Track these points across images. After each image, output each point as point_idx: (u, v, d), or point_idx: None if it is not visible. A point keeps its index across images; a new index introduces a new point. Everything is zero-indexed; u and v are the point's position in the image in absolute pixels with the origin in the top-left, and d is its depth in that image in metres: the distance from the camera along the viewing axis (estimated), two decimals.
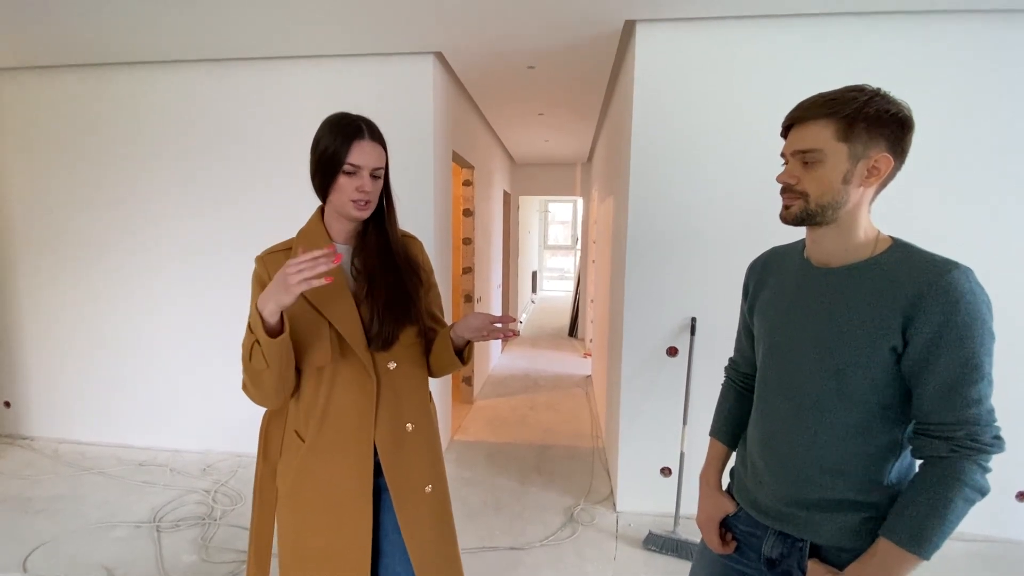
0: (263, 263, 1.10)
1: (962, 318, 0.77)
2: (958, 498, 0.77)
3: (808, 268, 0.93)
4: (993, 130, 2.14)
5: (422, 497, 1.15)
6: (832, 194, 0.84)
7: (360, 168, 1.04)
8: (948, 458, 0.78)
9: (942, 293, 0.77)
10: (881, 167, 0.83)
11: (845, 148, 0.82)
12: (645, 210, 2.36)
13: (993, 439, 0.79)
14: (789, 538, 0.92)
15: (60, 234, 3.10)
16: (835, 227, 0.87)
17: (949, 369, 0.78)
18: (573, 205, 10.43)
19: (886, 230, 0.90)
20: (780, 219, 0.91)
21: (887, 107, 0.82)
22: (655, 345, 2.43)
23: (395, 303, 1.10)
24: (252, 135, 2.87)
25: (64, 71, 2.95)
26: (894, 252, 0.85)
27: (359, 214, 1.07)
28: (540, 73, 3.03)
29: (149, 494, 2.62)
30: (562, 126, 4.43)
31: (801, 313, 0.91)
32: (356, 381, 1.09)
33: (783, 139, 0.91)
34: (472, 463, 3.04)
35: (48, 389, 3.22)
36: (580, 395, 4.37)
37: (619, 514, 2.51)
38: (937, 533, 0.78)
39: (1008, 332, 2.20)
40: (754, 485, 0.98)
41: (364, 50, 2.67)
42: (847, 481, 0.86)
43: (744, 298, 1.08)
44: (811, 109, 0.85)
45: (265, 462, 1.17)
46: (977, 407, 0.78)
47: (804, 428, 0.89)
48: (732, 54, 2.23)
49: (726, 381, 1.16)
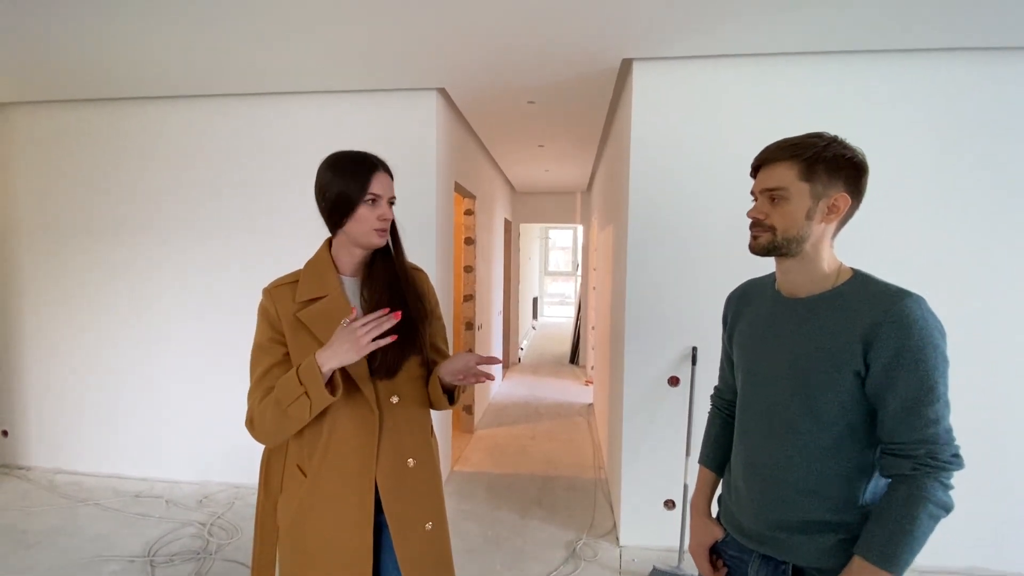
0: (270, 296, 1.11)
1: (915, 343, 0.83)
2: (923, 515, 0.82)
3: (779, 299, 1.00)
4: (978, 165, 2.19)
5: (422, 534, 1.14)
6: (797, 228, 0.92)
7: (380, 197, 1.09)
8: (911, 476, 0.84)
9: (896, 320, 0.84)
10: (840, 205, 0.92)
11: (807, 187, 0.91)
12: (644, 240, 2.39)
13: (952, 457, 0.84)
14: (772, 561, 0.96)
15: (64, 265, 3.13)
16: (800, 259, 0.94)
17: (907, 391, 0.84)
18: (573, 231, 10.52)
19: (871, 258, 0.93)
20: (749, 249, 0.98)
21: (843, 152, 0.91)
22: (656, 375, 2.43)
23: (400, 332, 1.10)
24: (258, 169, 2.93)
25: (76, 105, 3.04)
26: (854, 283, 0.92)
27: (380, 241, 1.10)
28: (540, 108, 3.12)
29: (144, 527, 2.57)
30: (562, 157, 4.52)
31: (774, 341, 0.97)
32: (359, 416, 1.09)
33: (752, 179, 0.99)
34: (472, 495, 2.99)
35: (46, 419, 3.21)
36: (582, 424, 4.33)
37: (622, 548, 2.46)
38: (906, 550, 0.82)
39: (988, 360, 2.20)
40: (738, 509, 1.02)
41: (370, 86, 2.76)
42: (823, 502, 0.91)
43: (724, 328, 1.15)
44: (777, 152, 0.94)
45: (267, 497, 1.16)
46: (935, 427, 0.83)
47: (781, 451, 0.95)
48: (725, 91, 2.30)
49: (712, 409, 1.21)
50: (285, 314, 1.09)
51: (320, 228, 1.17)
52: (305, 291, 1.10)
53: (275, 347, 1.09)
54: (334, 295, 1.10)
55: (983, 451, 2.24)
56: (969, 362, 2.22)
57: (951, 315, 2.19)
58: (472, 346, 4.02)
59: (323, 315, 1.08)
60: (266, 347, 1.10)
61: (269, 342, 1.10)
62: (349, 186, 1.07)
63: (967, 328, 2.21)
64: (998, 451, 2.23)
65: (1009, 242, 2.19)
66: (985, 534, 2.26)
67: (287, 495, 1.13)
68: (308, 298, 1.09)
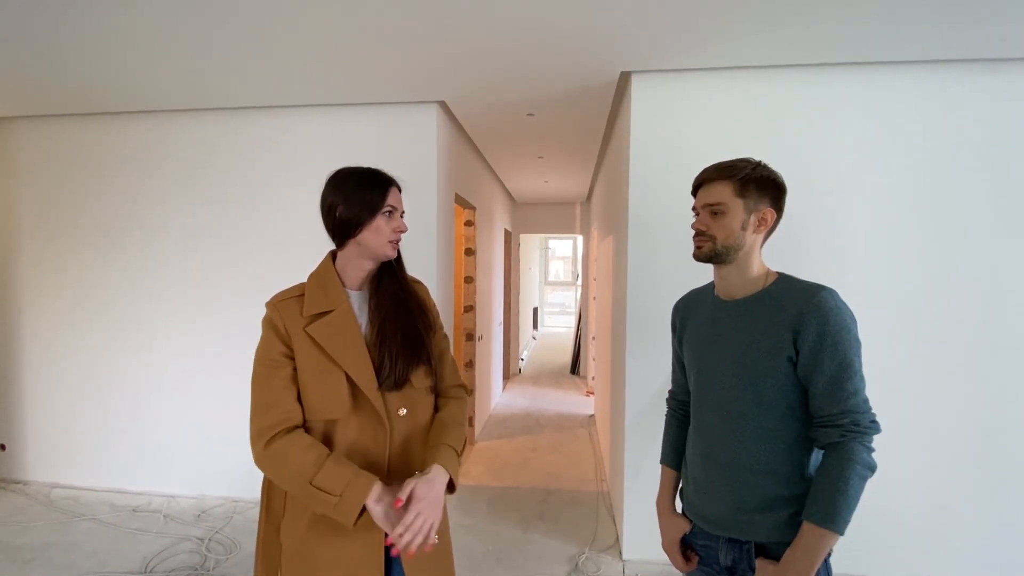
0: (277, 310, 1.09)
1: (832, 327, 0.97)
2: (853, 475, 0.94)
3: (719, 303, 1.14)
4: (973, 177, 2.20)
5: (430, 551, 1.11)
6: (734, 238, 1.06)
7: (396, 209, 1.12)
8: (839, 443, 0.96)
9: (815, 310, 0.98)
10: (768, 218, 1.07)
11: (741, 203, 1.05)
12: (644, 251, 2.40)
13: (870, 423, 0.97)
14: (736, 542, 1.06)
15: (62, 280, 3.13)
16: (735, 266, 1.09)
17: (831, 369, 0.97)
18: (573, 241, 10.54)
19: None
20: (693, 257, 1.11)
21: (768, 174, 1.07)
22: (658, 386, 2.41)
23: (407, 343, 1.11)
24: (259, 182, 2.94)
25: (77, 119, 3.06)
26: (780, 283, 1.07)
27: (393, 253, 1.13)
28: (539, 120, 3.14)
29: (141, 542, 2.54)
30: (561, 168, 4.54)
31: (719, 339, 1.10)
32: (368, 429, 1.08)
33: (693, 196, 1.13)
34: (473, 509, 2.96)
35: (44, 433, 3.19)
36: (583, 436, 4.30)
37: (625, 563, 2.43)
38: (843, 507, 0.93)
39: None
40: (699, 499, 1.13)
41: (370, 99, 2.78)
42: (775, 478, 1.02)
43: (673, 333, 1.28)
44: (715, 172, 1.09)
45: (268, 521, 1.13)
46: (855, 397, 0.97)
47: (734, 436, 1.06)
48: (723, 102, 2.32)
49: (668, 411, 1.31)
50: (294, 328, 1.07)
51: (322, 241, 1.17)
52: (312, 305, 1.08)
53: (285, 361, 1.07)
54: (342, 309, 1.09)
55: (984, 469, 2.22)
56: (965, 372, 2.21)
57: (949, 324, 2.19)
58: (473, 357, 4.01)
59: (332, 329, 1.07)
60: (276, 361, 1.07)
61: (280, 356, 1.07)
62: (368, 198, 1.09)
63: (965, 341, 2.20)
64: (999, 469, 2.21)
65: (1008, 254, 2.19)
66: (982, 550, 2.23)
67: (292, 516, 1.10)
68: (315, 312, 1.08)
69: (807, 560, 0.94)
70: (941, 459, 2.23)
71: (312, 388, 1.06)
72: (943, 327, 2.21)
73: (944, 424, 2.22)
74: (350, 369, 1.05)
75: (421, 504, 0.97)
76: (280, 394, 1.05)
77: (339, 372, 1.05)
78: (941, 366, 2.21)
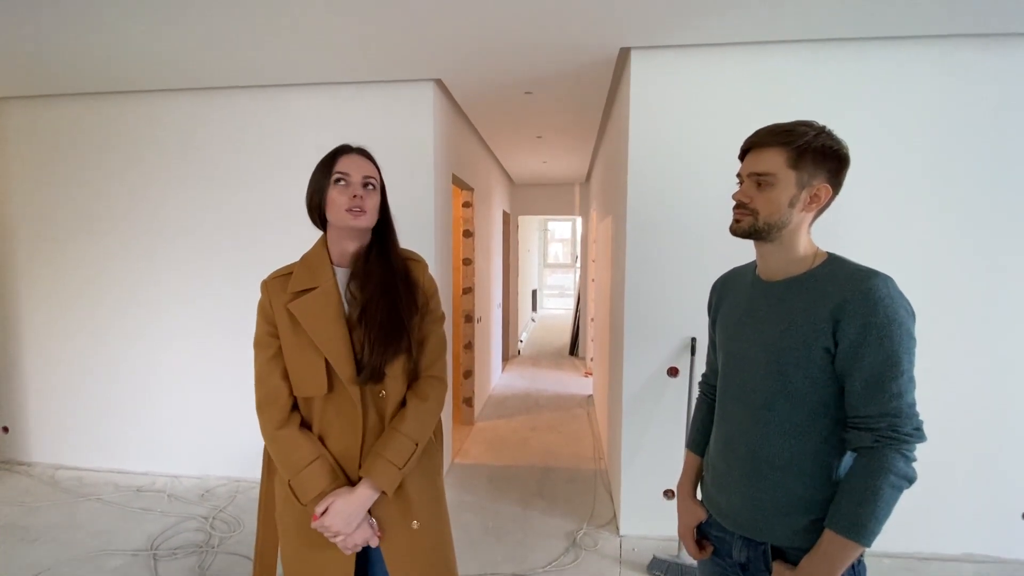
0: (266, 289, 1.13)
1: (880, 319, 0.85)
2: (885, 485, 0.84)
3: (758, 283, 1.03)
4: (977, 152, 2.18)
5: (408, 534, 1.12)
6: (779, 215, 0.94)
7: (349, 176, 1.09)
8: (874, 448, 0.86)
9: (862, 298, 0.86)
10: (821, 195, 0.94)
11: (794, 175, 0.92)
12: (643, 231, 2.39)
13: (914, 430, 0.85)
14: (752, 542, 0.98)
15: (61, 261, 3.12)
16: (778, 244, 0.97)
17: (872, 366, 0.86)
18: (572, 223, 10.50)
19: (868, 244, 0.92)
20: (730, 231, 1.00)
21: (831, 144, 0.92)
22: (656, 366, 2.43)
23: (387, 332, 1.08)
24: (254, 161, 2.91)
25: (71, 99, 3.02)
26: (827, 265, 0.95)
27: (355, 222, 1.08)
28: (537, 98, 3.09)
29: (146, 521, 2.58)
30: (560, 148, 4.49)
31: (752, 323, 1.01)
32: (343, 412, 1.10)
33: (740, 161, 1.00)
34: (473, 487, 3.01)
35: (47, 414, 3.21)
36: (582, 415, 4.34)
37: (622, 538, 2.48)
38: (871, 520, 0.84)
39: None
40: (717, 492, 1.06)
41: (365, 77, 2.73)
42: (798, 478, 0.93)
43: (709, 314, 1.19)
44: (768, 137, 0.94)
45: (269, 479, 1.19)
46: (898, 400, 0.85)
47: (756, 428, 0.97)
48: (724, 79, 2.28)
49: (700, 395, 1.24)
50: (278, 306, 1.10)
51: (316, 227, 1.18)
52: (297, 282, 1.10)
53: (271, 341, 1.11)
54: (325, 287, 1.10)
55: (980, 439, 2.25)
56: (969, 352, 2.22)
57: (951, 305, 2.20)
58: (472, 339, 4.02)
59: (314, 307, 1.09)
60: (263, 341, 1.12)
61: (265, 336, 1.12)
62: (319, 175, 1.10)
63: (967, 320, 2.21)
64: (994, 439, 2.24)
65: (1011, 232, 2.18)
66: (980, 521, 2.27)
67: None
68: (299, 289, 1.10)
69: (826, 570, 0.86)
70: (942, 424, 2.26)
71: (292, 365, 1.09)
72: (944, 302, 2.21)
73: (947, 395, 2.24)
74: (328, 353, 1.07)
75: (330, 518, 1.05)
76: (266, 373, 1.11)
77: (318, 353, 1.07)
78: (943, 339, 2.22)
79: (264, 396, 1.10)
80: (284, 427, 1.09)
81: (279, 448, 1.09)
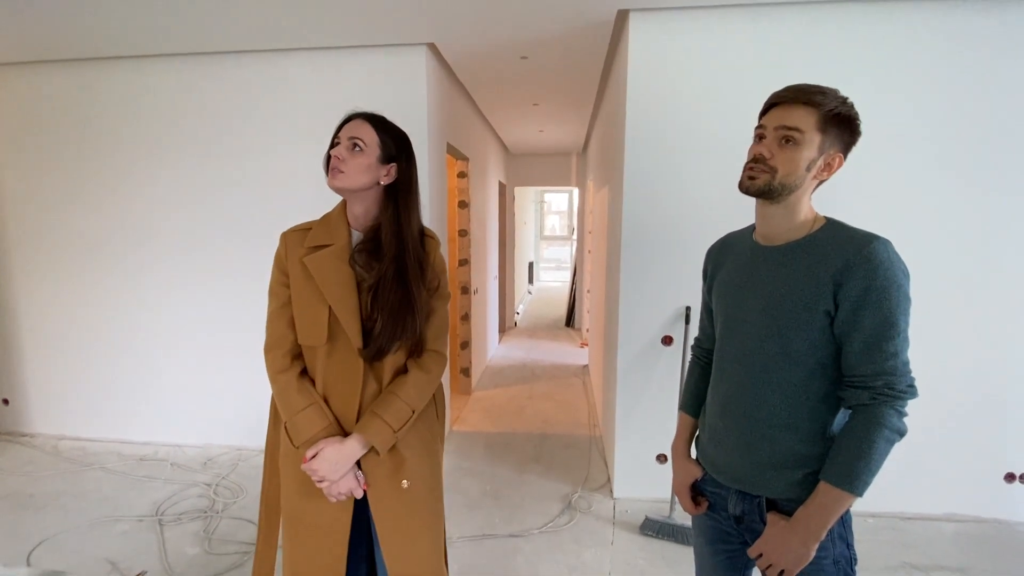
0: (284, 240, 1.18)
1: (880, 282, 0.87)
2: (880, 439, 0.88)
3: (757, 248, 1.04)
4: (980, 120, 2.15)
5: (396, 491, 1.15)
6: (795, 176, 0.93)
7: (340, 139, 1.12)
8: (869, 405, 0.89)
9: (864, 262, 0.88)
10: (834, 164, 0.95)
11: (819, 138, 0.92)
12: (639, 200, 2.37)
13: (907, 387, 0.89)
14: (747, 496, 1.02)
15: (55, 231, 3.08)
16: (783, 207, 0.97)
17: (871, 328, 0.88)
18: (569, 195, 10.41)
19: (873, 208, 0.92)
20: (740, 188, 0.97)
21: (853, 115, 0.93)
22: (651, 334, 2.45)
23: (396, 317, 1.10)
24: (245, 128, 2.85)
25: (56, 66, 2.92)
26: (827, 230, 0.96)
27: (332, 181, 1.11)
28: (533, 63, 3.02)
29: (151, 489, 2.64)
30: (557, 116, 4.41)
31: (751, 287, 1.02)
32: (346, 364, 1.13)
33: (760, 117, 0.98)
34: (471, 453, 3.07)
35: (47, 386, 3.23)
36: (577, 384, 4.41)
37: (616, 501, 2.55)
38: (865, 471, 0.88)
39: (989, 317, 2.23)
40: (714, 449, 1.09)
41: (356, 42, 2.65)
42: (794, 434, 0.96)
43: (704, 280, 1.19)
44: (801, 94, 0.93)
45: (275, 427, 1.23)
46: (894, 359, 0.88)
47: (755, 388, 1.00)
48: (725, 43, 2.23)
49: (692, 359, 1.26)
50: (293, 258, 1.14)
51: (308, 185, 1.19)
52: (314, 238, 1.15)
53: (281, 290, 1.16)
54: (339, 245, 1.14)
55: (962, 402, 2.30)
56: (954, 315, 2.25)
57: (948, 267, 2.21)
58: (468, 310, 4.04)
59: (326, 263, 1.12)
60: (275, 290, 1.17)
61: (277, 285, 1.17)
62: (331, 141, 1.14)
63: (955, 282, 2.23)
64: (977, 402, 2.29)
65: (1012, 193, 2.18)
66: (962, 482, 2.34)
67: None
68: (315, 244, 1.13)
69: (820, 519, 0.90)
70: (927, 387, 2.30)
71: (299, 313, 1.13)
72: (933, 265, 2.23)
73: (931, 358, 2.28)
74: (337, 308, 1.10)
75: (317, 463, 1.09)
76: (275, 320, 1.16)
77: (324, 304, 1.10)
78: (930, 301, 2.24)
79: (270, 340, 1.16)
80: (285, 372, 1.14)
81: (279, 390, 1.14)
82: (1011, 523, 2.33)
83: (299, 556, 1.16)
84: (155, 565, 2.05)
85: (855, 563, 0.97)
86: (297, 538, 1.16)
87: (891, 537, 2.23)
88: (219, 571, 2.02)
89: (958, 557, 2.11)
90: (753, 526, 1.02)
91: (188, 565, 2.05)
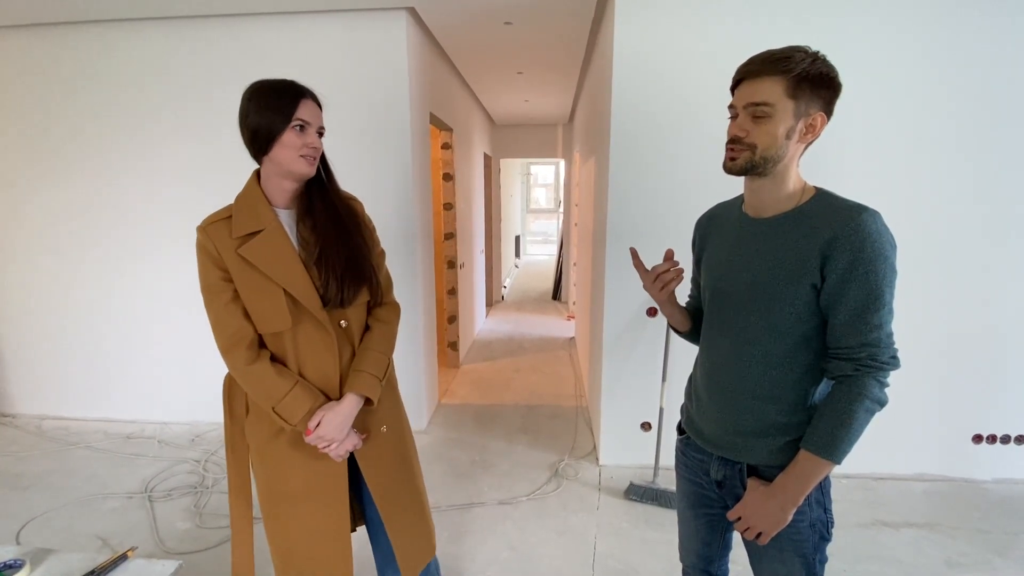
0: (206, 234, 1.10)
1: (867, 255, 0.86)
2: (860, 409, 0.89)
3: (745, 219, 1.02)
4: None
5: (379, 437, 1.24)
6: (776, 148, 0.91)
7: (308, 124, 1.08)
8: (852, 376, 0.90)
9: (852, 233, 0.87)
10: (817, 125, 0.91)
11: (792, 105, 0.89)
12: (626, 171, 2.35)
13: (890, 358, 0.90)
14: (729, 462, 1.05)
15: (27, 207, 2.97)
16: (771, 179, 0.95)
17: (857, 300, 0.88)
18: (556, 167, 10.30)
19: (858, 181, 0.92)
20: (724, 169, 0.96)
21: (826, 70, 0.89)
22: (636, 306, 2.47)
23: (352, 264, 1.14)
24: (218, 96, 2.74)
25: (20, 31, 2.76)
26: (816, 201, 0.94)
27: (309, 169, 1.09)
28: (518, 29, 2.93)
29: (139, 466, 2.64)
30: (542, 85, 4.32)
31: (739, 259, 1.01)
32: (317, 339, 1.14)
33: (731, 94, 0.96)
34: (459, 425, 3.11)
35: (27, 366, 3.17)
36: (564, 357, 4.46)
37: (602, 468, 2.61)
38: (844, 440, 0.89)
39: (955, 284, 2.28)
40: (699, 417, 1.11)
41: (333, 6, 2.54)
42: (776, 405, 0.98)
43: (693, 251, 1.19)
44: (764, 65, 0.90)
45: (232, 421, 1.23)
46: (878, 331, 0.89)
47: (740, 360, 1.01)
48: (714, 14, 2.18)
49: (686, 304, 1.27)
50: (226, 251, 1.08)
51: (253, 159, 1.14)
52: (240, 226, 1.09)
53: (224, 285, 1.10)
54: (272, 228, 1.10)
55: (933, 365, 2.37)
56: (933, 286, 2.30)
57: (940, 240, 2.24)
58: (455, 285, 4.02)
59: (265, 248, 1.09)
60: (215, 286, 1.10)
61: (217, 280, 1.10)
62: (276, 111, 1.06)
63: (931, 248, 2.27)
64: (947, 365, 2.37)
65: (1000, 163, 2.20)
66: (932, 443, 2.45)
67: (255, 417, 1.18)
68: (244, 233, 1.09)
69: (799, 486, 0.93)
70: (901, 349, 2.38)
71: (253, 305, 1.10)
72: (915, 230, 2.26)
73: (903, 321, 2.34)
74: (289, 286, 1.09)
75: (324, 428, 1.12)
76: (225, 315, 1.10)
77: (277, 288, 1.09)
78: (904, 267, 2.29)
79: (228, 339, 1.10)
80: (255, 363, 1.10)
81: (255, 382, 1.11)
82: (978, 481, 2.44)
83: (295, 531, 1.17)
84: (146, 540, 2.06)
85: (831, 526, 1.00)
86: (291, 512, 1.17)
87: (863, 496, 2.34)
88: (212, 544, 2.04)
89: (927, 514, 2.21)
90: (734, 491, 1.05)
91: (180, 540, 2.07)
